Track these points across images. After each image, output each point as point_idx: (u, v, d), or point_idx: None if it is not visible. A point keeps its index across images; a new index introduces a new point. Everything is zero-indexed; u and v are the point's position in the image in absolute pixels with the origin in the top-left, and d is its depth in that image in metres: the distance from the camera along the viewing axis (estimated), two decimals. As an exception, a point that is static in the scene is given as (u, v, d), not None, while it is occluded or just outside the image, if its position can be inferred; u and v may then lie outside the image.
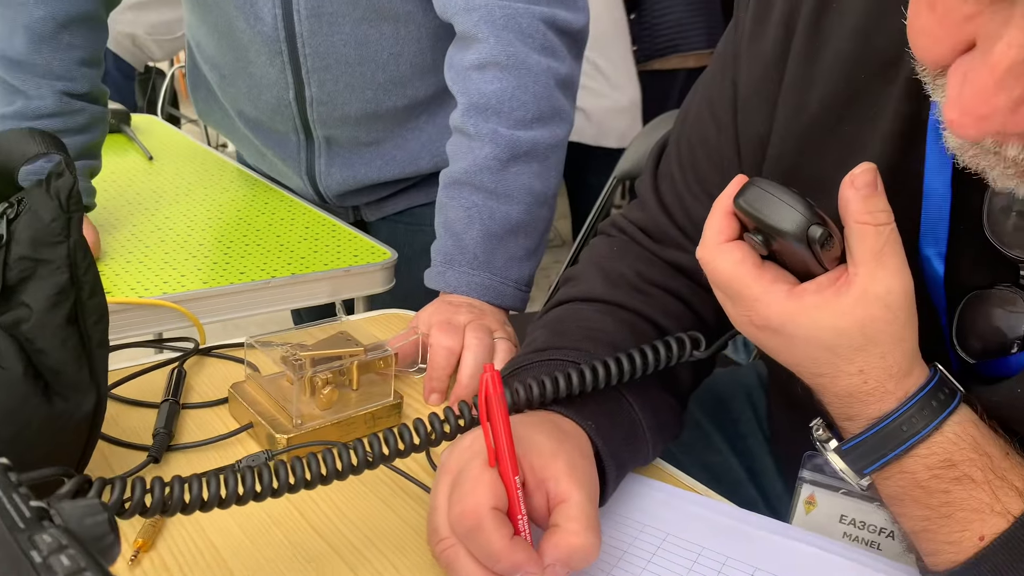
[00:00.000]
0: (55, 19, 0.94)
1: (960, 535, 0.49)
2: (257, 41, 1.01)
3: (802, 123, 0.59)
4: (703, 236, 0.54)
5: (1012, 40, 0.35)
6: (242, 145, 1.25)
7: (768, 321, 0.51)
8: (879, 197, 0.48)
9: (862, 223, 0.48)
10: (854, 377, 0.50)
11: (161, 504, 0.48)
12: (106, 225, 1.07)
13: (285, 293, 0.95)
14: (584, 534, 0.50)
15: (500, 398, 0.51)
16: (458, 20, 0.92)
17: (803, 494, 0.66)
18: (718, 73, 0.68)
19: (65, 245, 0.53)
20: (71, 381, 0.54)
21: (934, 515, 0.50)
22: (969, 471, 0.48)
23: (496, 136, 0.89)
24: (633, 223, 0.76)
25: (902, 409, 0.49)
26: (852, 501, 0.63)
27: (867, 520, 0.63)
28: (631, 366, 0.61)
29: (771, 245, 0.51)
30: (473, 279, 0.88)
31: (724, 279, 0.52)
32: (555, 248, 3.87)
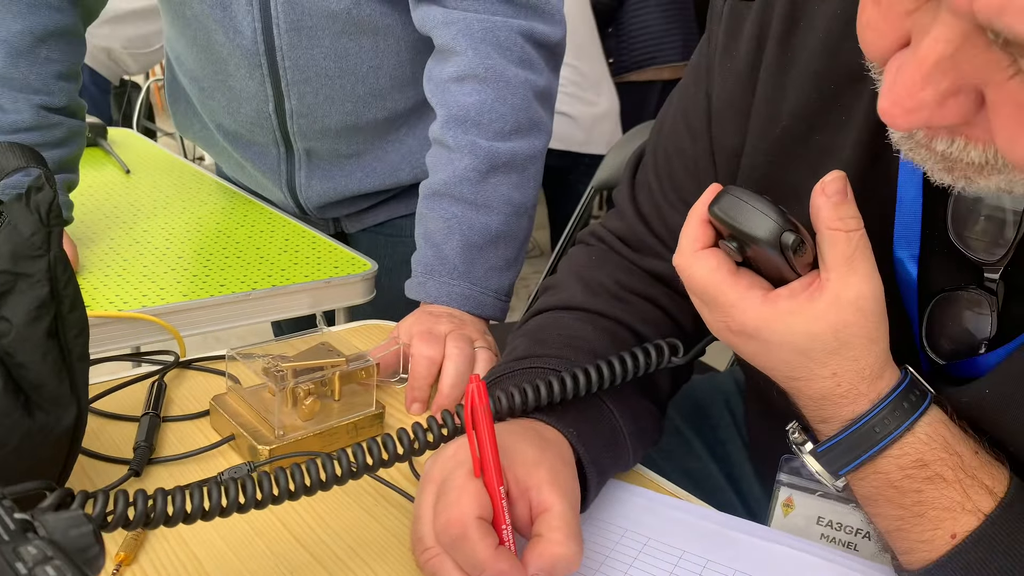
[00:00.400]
0: (32, 33, 0.94)
1: (933, 533, 0.50)
2: (236, 54, 1.02)
3: (774, 134, 0.61)
4: (679, 244, 0.55)
5: (938, 35, 0.36)
6: (221, 158, 1.25)
7: (743, 326, 0.52)
8: (849, 204, 0.50)
9: (833, 229, 0.49)
10: (827, 380, 0.51)
11: (144, 517, 0.48)
12: (84, 239, 1.06)
13: (265, 305, 0.95)
14: (566, 543, 0.50)
15: (486, 408, 0.52)
16: (436, 33, 0.93)
17: (781, 497, 0.67)
18: (692, 85, 0.69)
19: (45, 259, 0.53)
20: (52, 395, 0.54)
21: (907, 514, 0.51)
22: (940, 470, 0.49)
23: (475, 148, 0.90)
24: (612, 232, 0.77)
25: (875, 411, 0.50)
26: (829, 503, 0.64)
27: (844, 521, 0.64)
28: (611, 373, 0.62)
29: (745, 252, 0.52)
30: (453, 289, 0.89)
31: (700, 286, 0.54)
32: (534, 258, 3.89)
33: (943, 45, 0.36)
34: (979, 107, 0.38)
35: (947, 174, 0.43)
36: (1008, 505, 0.49)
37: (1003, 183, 0.41)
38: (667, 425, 0.90)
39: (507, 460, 0.54)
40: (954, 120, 0.39)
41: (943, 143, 0.41)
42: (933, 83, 0.37)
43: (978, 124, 0.39)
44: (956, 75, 0.37)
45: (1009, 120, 0.37)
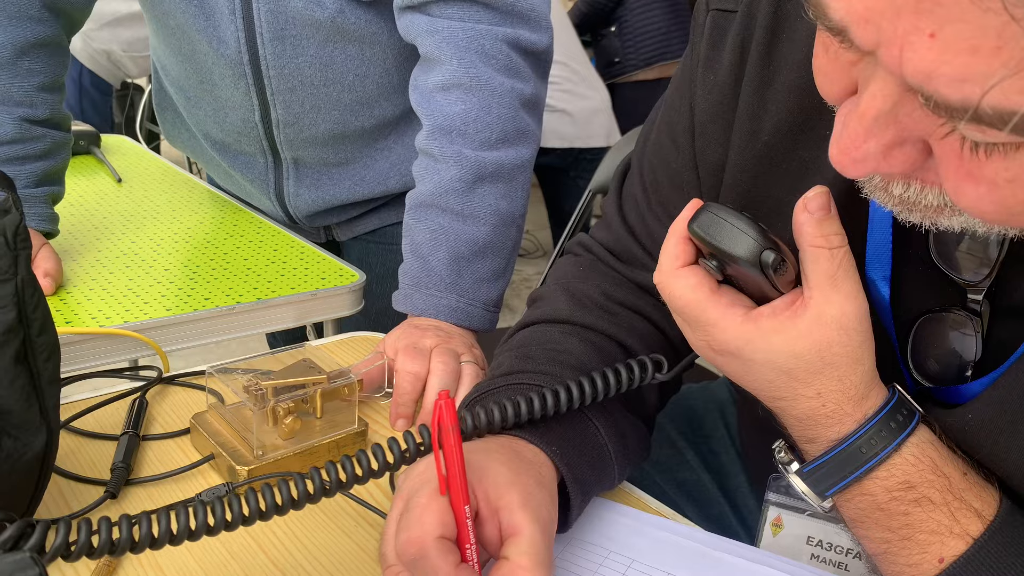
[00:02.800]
0: (14, 45, 0.93)
1: (920, 557, 0.49)
2: (221, 64, 1.01)
3: (756, 149, 0.60)
4: (659, 261, 0.54)
5: (875, 91, 0.36)
6: (210, 167, 1.24)
7: (725, 345, 0.51)
8: (832, 220, 0.49)
9: (816, 246, 0.48)
10: (812, 400, 0.50)
11: (109, 544, 0.47)
12: (71, 251, 1.05)
13: (251, 319, 0.94)
14: (533, 570, 0.49)
15: (454, 426, 0.51)
16: (421, 42, 0.92)
17: (770, 516, 0.66)
18: (676, 97, 0.68)
19: (12, 283, 0.52)
20: (20, 420, 0.53)
21: (894, 537, 0.50)
22: (928, 493, 0.48)
23: (461, 158, 0.88)
24: (599, 243, 0.76)
25: (861, 431, 0.49)
26: (818, 523, 0.63)
27: (834, 542, 0.63)
28: (592, 389, 0.61)
29: (725, 270, 0.51)
30: (440, 301, 0.88)
31: (680, 304, 0.53)
32: (537, 258, 3.87)
33: (880, 101, 0.36)
34: (927, 154, 0.38)
35: (909, 214, 0.42)
36: (997, 529, 0.48)
37: (965, 223, 0.41)
38: (660, 435, 0.90)
39: (478, 479, 0.53)
40: (902, 168, 0.39)
41: (899, 187, 0.41)
42: (875, 136, 0.37)
43: (930, 168, 0.39)
44: (897, 128, 0.37)
45: (951, 172, 0.37)
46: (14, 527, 0.42)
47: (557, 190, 3.44)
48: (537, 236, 4.01)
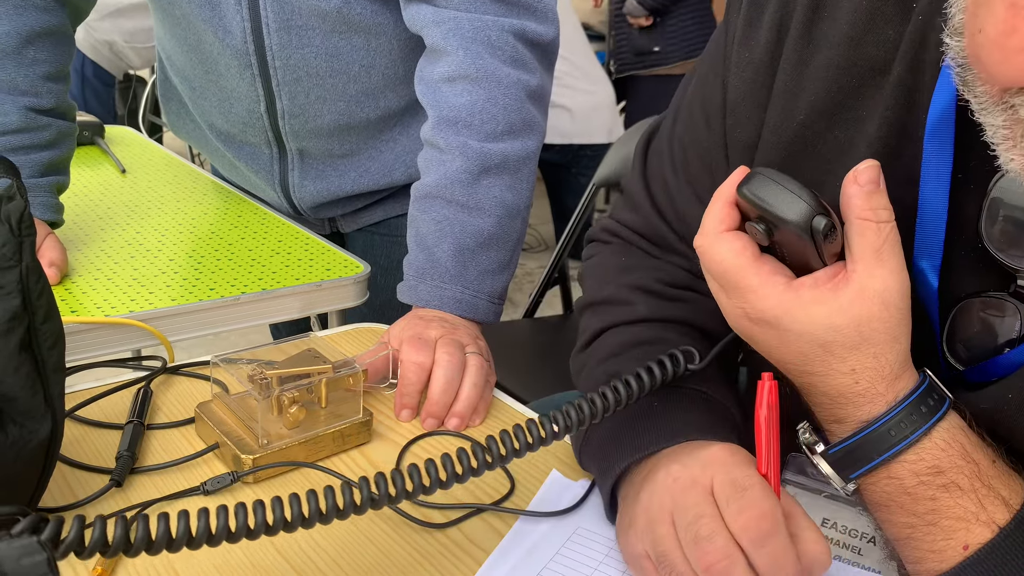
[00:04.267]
0: (19, 34, 0.93)
1: (945, 543, 0.48)
2: (227, 54, 1.00)
3: (791, 128, 0.59)
4: (702, 224, 0.53)
5: None
6: (215, 158, 1.24)
7: (763, 313, 0.50)
8: (881, 194, 0.48)
9: (863, 219, 0.48)
10: (845, 377, 0.49)
11: (124, 542, 0.46)
12: (76, 241, 1.05)
13: (256, 309, 0.94)
14: (822, 541, 0.50)
15: (775, 406, 0.50)
16: (427, 33, 0.92)
17: None
18: (708, 74, 0.67)
19: (17, 270, 0.52)
20: (25, 408, 0.53)
21: (919, 523, 0.49)
22: (956, 478, 0.48)
23: (466, 149, 0.88)
24: (627, 226, 0.75)
25: (892, 413, 0.49)
26: (834, 505, 0.63)
27: (849, 525, 0.63)
28: (627, 392, 0.58)
29: (773, 235, 0.50)
30: (445, 293, 0.88)
31: (721, 268, 0.51)
32: (539, 252, 3.87)
33: None
34: None
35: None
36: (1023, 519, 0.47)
37: None
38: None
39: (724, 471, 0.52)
40: None
41: None
42: None
43: None
44: None
45: None
46: (27, 520, 0.42)
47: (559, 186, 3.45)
48: (539, 230, 4.00)
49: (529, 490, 0.67)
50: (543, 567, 0.59)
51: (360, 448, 0.72)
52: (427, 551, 0.60)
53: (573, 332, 0.75)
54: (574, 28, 3.34)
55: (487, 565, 0.59)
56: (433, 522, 0.63)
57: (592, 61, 3.36)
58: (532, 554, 0.60)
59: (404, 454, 0.72)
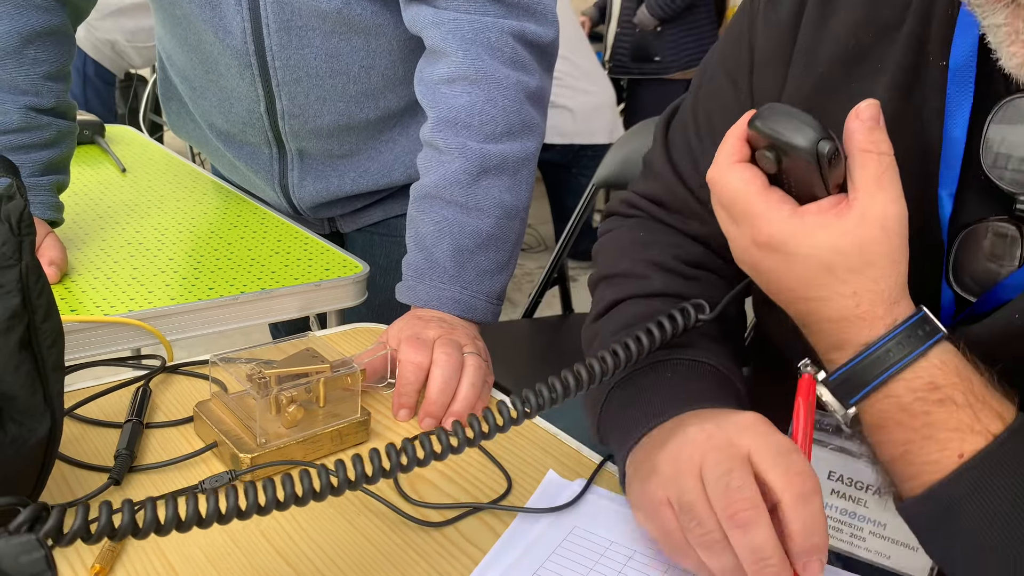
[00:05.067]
0: (20, 34, 0.93)
1: (940, 455, 0.50)
2: (227, 54, 1.01)
3: (811, 82, 0.63)
4: (715, 158, 0.55)
5: None
6: (215, 157, 1.25)
7: (770, 238, 0.52)
8: (881, 130, 0.51)
9: (865, 151, 0.50)
10: (847, 299, 0.51)
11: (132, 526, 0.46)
12: (75, 240, 1.06)
13: (255, 308, 0.94)
14: None
15: (812, 401, 0.55)
16: (427, 34, 0.92)
17: None
18: (733, 42, 0.72)
19: (17, 269, 0.52)
20: (25, 406, 0.53)
21: (916, 437, 0.51)
22: (951, 394, 0.50)
23: (466, 150, 0.88)
24: (645, 196, 0.78)
25: (890, 335, 0.51)
26: (841, 458, 0.65)
27: (855, 477, 0.64)
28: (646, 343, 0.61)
29: (781, 163, 0.52)
30: (444, 293, 0.88)
31: (731, 196, 0.54)
32: (538, 253, 3.87)
33: None
34: None
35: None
36: (1018, 429, 0.49)
37: None
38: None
39: None
40: None
41: None
42: None
43: None
44: None
45: None
46: (28, 511, 0.42)
47: (559, 186, 3.46)
48: (539, 230, 4.01)
49: (526, 490, 0.68)
50: (539, 566, 0.59)
51: (358, 447, 0.72)
52: (424, 550, 0.61)
53: (572, 332, 0.77)
54: (575, 28, 3.35)
55: (483, 564, 0.59)
56: (430, 521, 0.63)
57: (593, 61, 3.37)
58: (528, 553, 0.60)
59: (402, 453, 0.72)
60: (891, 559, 0.64)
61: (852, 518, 0.64)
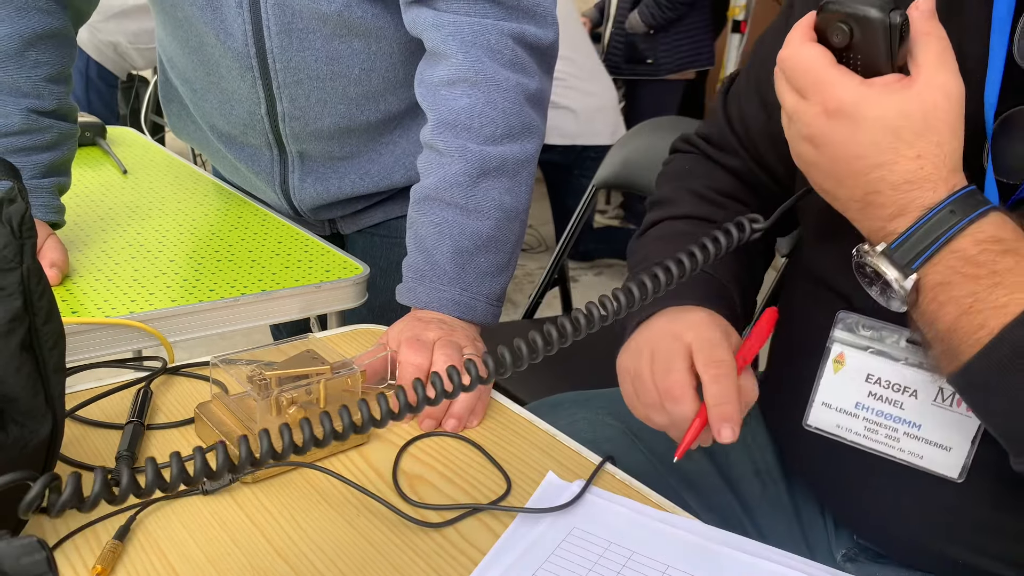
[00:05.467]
0: (21, 37, 0.94)
1: (1008, 298, 0.52)
2: (228, 57, 1.01)
3: None
4: (786, 42, 0.59)
5: None
6: (216, 159, 1.25)
7: (841, 103, 0.56)
8: (937, 20, 0.55)
9: (926, 33, 0.55)
10: (912, 162, 0.55)
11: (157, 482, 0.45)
12: (76, 242, 1.06)
13: (255, 310, 0.94)
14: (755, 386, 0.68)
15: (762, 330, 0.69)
16: (427, 36, 0.92)
17: (833, 353, 0.70)
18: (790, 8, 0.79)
19: (18, 271, 0.53)
20: (26, 408, 0.54)
21: (982, 287, 0.53)
22: (1015, 246, 0.53)
23: (466, 152, 0.89)
24: (700, 135, 0.91)
25: (952, 197, 0.54)
26: (879, 360, 0.68)
27: (891, 379, 0.67)
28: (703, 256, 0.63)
29: (852, 37, 0.56)
30: (444, 295, 0.88)
31: (803, 68, 0.58)
32: (539, 253, 3.87)
33: None
34: None
35: None
36: None
37: None
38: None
39: None
40: None
41: None
42: None
43: None
44: None
45: None
46: (40, 481, 0.41)
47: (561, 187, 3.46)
48: (540, 231, 4.01)
49: (525, 491, 0.68)
50: (539, 567, 0.60)
51: (358, 449, 0.73)
52: (423, 551, 0.61)
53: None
54: (578, 28, 3.36)
55: (483, 565, 0.60)
56: (429, 522, 0.64)
57: (596, 62, 3.38)
58: (528, 554, 0.61)
59: (402, 455, 0.72)
60: (924, 459, 0.66)
61: (888, 419, 0.67)
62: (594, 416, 0.90)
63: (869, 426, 0.68)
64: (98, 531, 0.60)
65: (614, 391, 0.97)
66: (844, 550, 0.80)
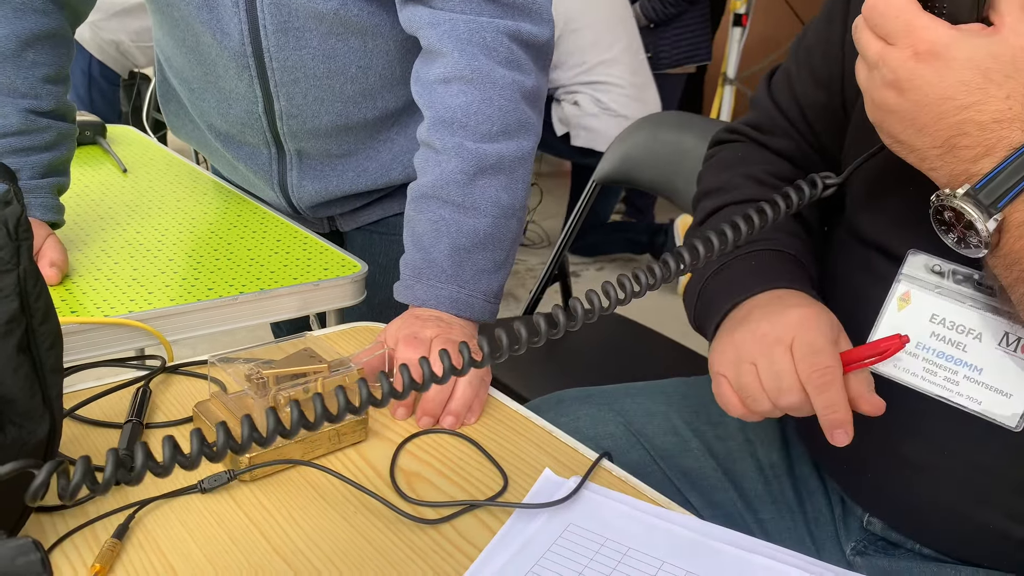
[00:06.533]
0: (18, 37, 0.94)
1: None
2: (224, 56, 1.01)
3: None
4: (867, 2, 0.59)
5: None
6: (215, 158, 1.25)
7: (933, 44, 0.55)
8: None
9: None
10: (1001, 102, 0.54)
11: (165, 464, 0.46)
12: (76, 241, 1.06)
13: (254, 308, 0.95)
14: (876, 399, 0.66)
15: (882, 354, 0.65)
16: (423, 34, 0.92)
17: (898, 291, 0.70)
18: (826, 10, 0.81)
19: (15, 273, 0.53)
20: (24, 408, 0.54)
21: None
22: None
23: (462, 150, 0.89)
24: (745, 123, 0.91)
25: None
26: (945, 300, 0.67)
27: (956, 320, 0.66)
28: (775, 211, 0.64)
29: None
30: (441, 292, 0.88)
31: (893, 13, 0.57)
32: (541, 249, 3.87)
33: None
34: None
35: None
36: None
37: None
38: (665, 425, 0.91)
39: None
40: None
41: None
42: None
43: None
44: None
45: None
46: (46, 468, 0.41)
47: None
48: (543, 226, 4.01)
49: (522, 487, 0.68)
50: (535, 563, 0.60)
51: (356, 447, 0.73)
52: (420, 547, 0.61)
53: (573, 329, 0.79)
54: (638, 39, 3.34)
55: (479, 561, 0.60)
56: (426, 518, 0.64)
57: (647, 72, 3.37)
58: (524, 550, 0.61)
59: (399, 452, 0.73)
60: (982, 404, 0.65)
61: (949, 361, 0.66)
62: (596, 413, 0.90)
63: (928, 367, 0.67)
64: (97, 530, 0.61)
65: (617, 388, 0.97)
66: (854, 543, 0.80)
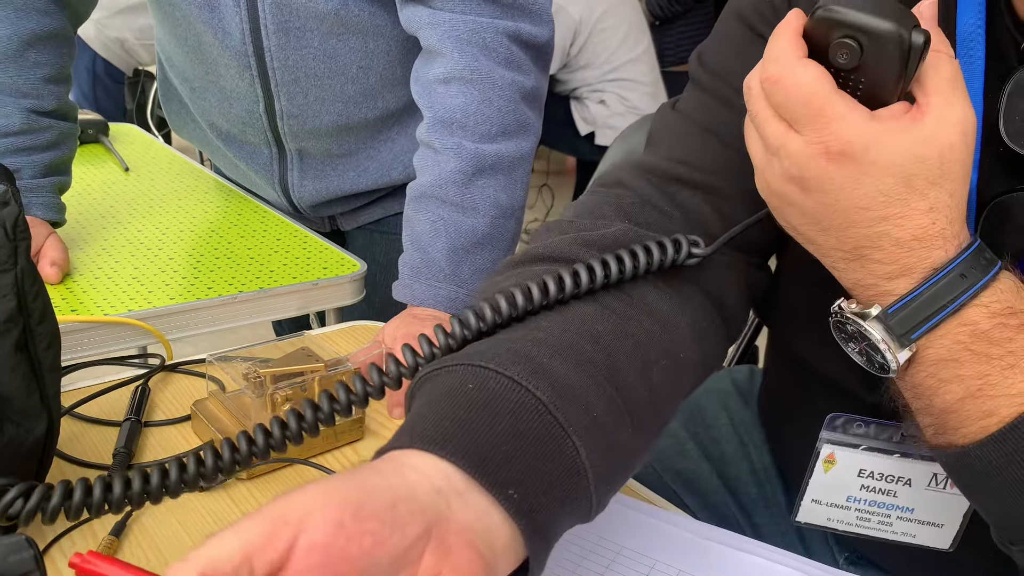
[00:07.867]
0: (20, 38, 0.94)
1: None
2: (226, 55, 1.02)
3: None
4: (772, 55, 0.48)
5: None
6: (216, 157, 1.26)
7: (850, 144, 0.46)
8: (943, 33, 0.47)
9: (937, 51, 0.46)
10: (923, 216, 0.46)
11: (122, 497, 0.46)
12: (78, 239, 1.07)
13: (253, 307, 0.95)
14: None
15: None
16: (423, 34, 0.93)
17: (823, 454, 0.67)
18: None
19: (12, 273, 0.53)
20: (21, 407, 0.55)
21: (994, 369, 0.46)
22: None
23: (461, 150, 0.89)
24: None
25: (962, 256, 0.47)
26: (870, 456, 0.65)
27: (884, 471, 0.65)
28: (615, 269, 0.53)
29: (863, 57, 0.46)
30: (439, 292, 0.89)
31: (803, 95, 0.46)
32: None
33: None
34: None
35: None
36: None
37: None
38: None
39: None
40: None
41: None
42: None
43: None
44: None
45: None
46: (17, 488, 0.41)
47: None
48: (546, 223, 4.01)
49: (517, 487, 0.68)
50: (528, 563, 0.60)
51: (353, 445, 0.73)
52: (415, 547, 0.61)
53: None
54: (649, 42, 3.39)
55: (473, 561, 0.60)
56: (421, 518, 0.64)
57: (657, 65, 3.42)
58: (518, 550, 0.61)
59: (396, 451, 0.73)
60: (916, 537, 0.66)
61: (881, 508, 0.67)
62: None
63: (862, 516, 0.67)
64: (94, 527, 0.61)
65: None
66: (847, 553, 0.80)
